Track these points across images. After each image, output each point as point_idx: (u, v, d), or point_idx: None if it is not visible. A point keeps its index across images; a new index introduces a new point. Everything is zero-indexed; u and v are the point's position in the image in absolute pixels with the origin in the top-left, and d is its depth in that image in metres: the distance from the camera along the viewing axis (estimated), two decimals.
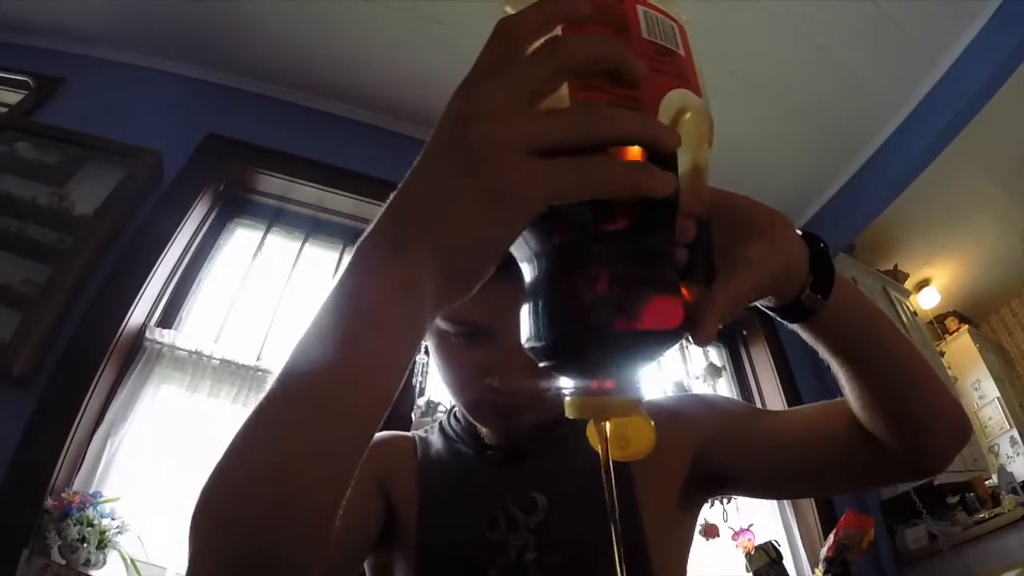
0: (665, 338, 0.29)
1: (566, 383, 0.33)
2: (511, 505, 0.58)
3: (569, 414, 0.32)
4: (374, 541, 0.60)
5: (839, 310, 0.42)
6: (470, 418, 0.64)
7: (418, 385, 1.65)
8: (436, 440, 0.69)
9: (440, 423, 0.73)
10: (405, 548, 0.59)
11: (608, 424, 0.35)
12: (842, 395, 0.51)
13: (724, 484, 0.64)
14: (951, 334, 3.56)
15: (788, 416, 0.66)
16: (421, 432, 0.73)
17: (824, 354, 0.47)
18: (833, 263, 0.42)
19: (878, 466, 0.53)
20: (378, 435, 0.71)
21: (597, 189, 0.26)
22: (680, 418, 0.65)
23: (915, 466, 0.51)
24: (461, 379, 0.60)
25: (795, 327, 0.45)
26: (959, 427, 0.50)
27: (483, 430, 0.65)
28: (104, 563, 1.28)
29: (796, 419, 0.62)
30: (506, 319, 0.56)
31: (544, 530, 0.57)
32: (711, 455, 0.62)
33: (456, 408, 0.71)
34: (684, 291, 0.30)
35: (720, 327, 0.31)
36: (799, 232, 0.42)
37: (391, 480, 0.63)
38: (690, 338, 0.30)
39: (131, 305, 1.56)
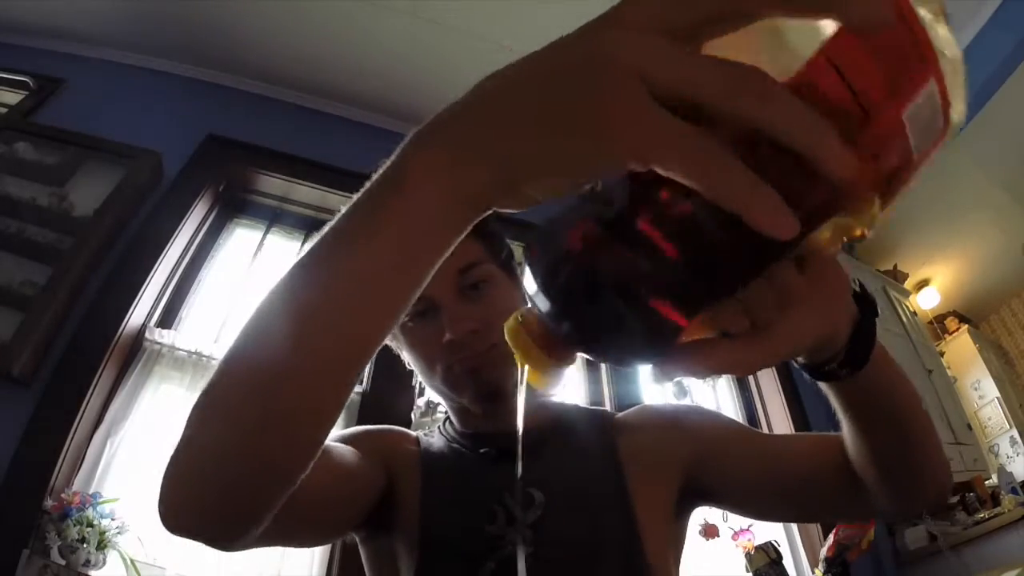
0: (648, 324, 0.24)
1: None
2: (509, 500, 0.59)
3: (505, 324, 0.29)
4: (368, 504, 0.61)
5: (864, 379, 0.38)
6: (452, 395, 0.65)
7: (418, 385, 1.65)
8: (436, 440, 0.71)
9: (438, 427, 0.74)
10: (407, 538, 0.60)
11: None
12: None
13: (713, 497, 0.66)
14: (951, 334, 3.56)
15: (782, 441, 0.69)
16: (422, 433, 0.75)
17: (833, 404, 0.45)
18: (876, 337, 0.37)
19: (856, 504, 0.55)
20: (385, 427, 0.73)
21: (700, 178, 0.20)
22: (680, 427, 0.67)
23: (890, 512, 0.54)
24: (427, 356, 0.63)
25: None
26: (942, 489, 0.51)
27: (475, 419, 0.66)
28: (104, 563, 1.28)
29: (789, 445, 0.65)
30: (439, 282, 0.58)
31: (541, 525, 0.58)
32: (704, 467, 0.64)
33: (449, 416, 0.73)
34: (695, 321, 0.26)
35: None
36: (854, 287, 0.35)
37: (396, 466, 0.65)
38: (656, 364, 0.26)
39: (131, 305, 1.56)
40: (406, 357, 0.68)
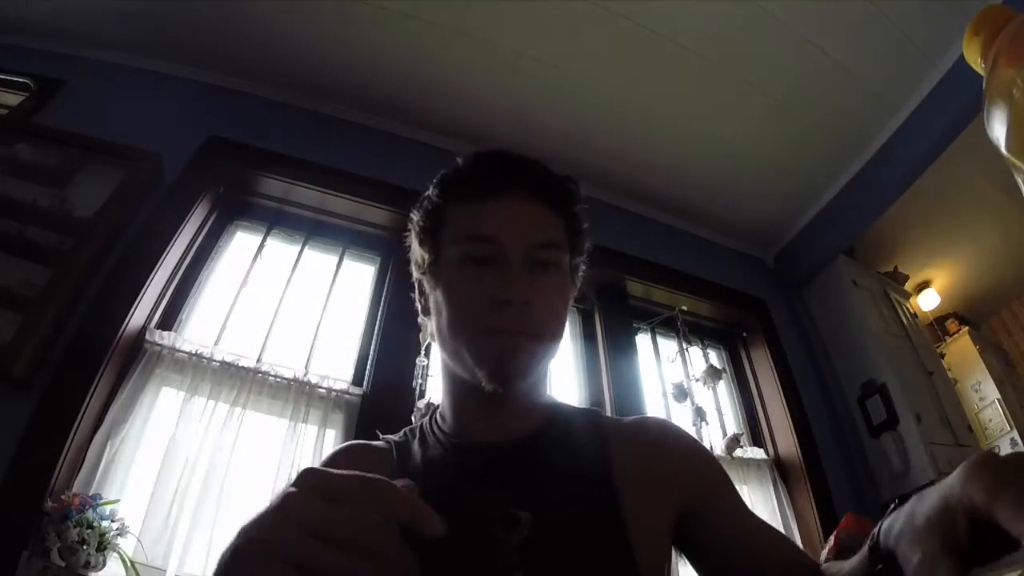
0: None
1: None
2: (496, 526, 0.56)
3: None
4: None
5: None
6: (472, 358, 0.60)
7: (418, 387, 1.65)
8: (416, 451, 0.67)
9: (422, 425, 0.71)
10: None
11: None
12: None
13: (690, 549, 0.63)
14: (951, 336, 3.55)
15: (763, 526, 0.65)
16: (399, 436, 0.71)
17: None
18: None
19: None
20: (350, 445, 0.70)
21: None
22: (700, 468, 0.65)
23: None
24: (471, 303, 0.59)
25: None
26: None
27: (469, 426, 0.64)
28: (104, 565, 1.28)
29: (768, 534, 0.63)
30: (516, 240, 0.59)
31: (530, 547, 0.55)
32: (697, 518, 0.62)
33: (440, 409, 0.70)
34: None
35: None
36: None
37: None
38: None
39: (131, 307, 1.56)
40: (436, 299, 0.63)
